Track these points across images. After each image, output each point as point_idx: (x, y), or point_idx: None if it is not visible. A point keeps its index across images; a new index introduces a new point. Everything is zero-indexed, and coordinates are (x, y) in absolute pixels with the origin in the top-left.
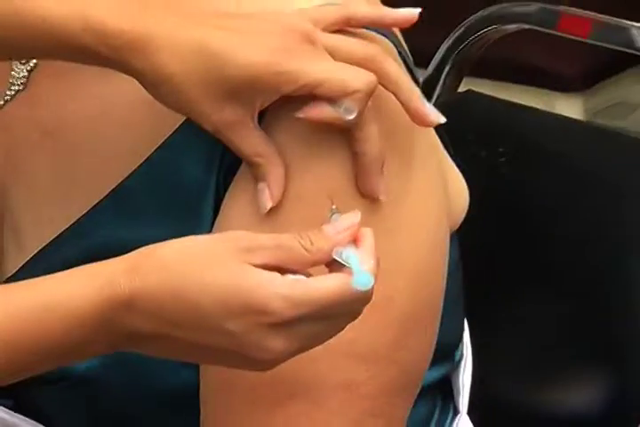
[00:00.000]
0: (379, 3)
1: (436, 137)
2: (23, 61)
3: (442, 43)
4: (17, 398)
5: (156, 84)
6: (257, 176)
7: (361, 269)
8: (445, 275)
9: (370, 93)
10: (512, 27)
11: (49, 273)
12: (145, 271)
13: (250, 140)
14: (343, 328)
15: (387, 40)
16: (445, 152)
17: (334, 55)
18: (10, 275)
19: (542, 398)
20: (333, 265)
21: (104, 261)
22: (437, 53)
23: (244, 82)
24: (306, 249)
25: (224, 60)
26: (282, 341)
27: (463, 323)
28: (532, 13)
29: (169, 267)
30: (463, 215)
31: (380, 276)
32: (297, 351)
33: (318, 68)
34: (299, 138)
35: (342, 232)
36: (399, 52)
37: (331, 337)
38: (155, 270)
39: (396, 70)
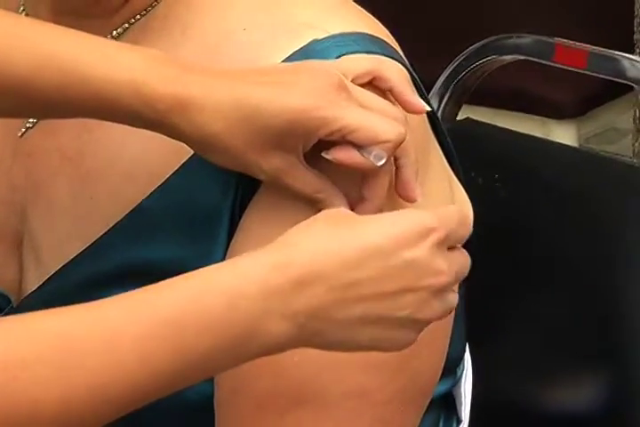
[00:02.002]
0: (409, 81)
1: (444, 159)
2: None
3: (441, 73)
4: None
5: (202, 144)
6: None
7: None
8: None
9: (399, 144)
10: (508, 57)
11: (68, 292)
12: (301, 246)
13: (306, 180)
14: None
15: (400, 65)
16: (452, 172)
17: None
18: (29, 292)
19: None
20: None
21: (250, 254)
22: (437, 83)
23: (284, 128)
24: None
25: (262, 111)
26: (445, 261)
27: (465, 339)
28: (528, 45)
29: (324, 235)
30: None
31: None
32: (456, 274)
33: (353, 115)
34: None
35: None
36: (411, 75)
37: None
38: (312, 243)
39: (412, 140)
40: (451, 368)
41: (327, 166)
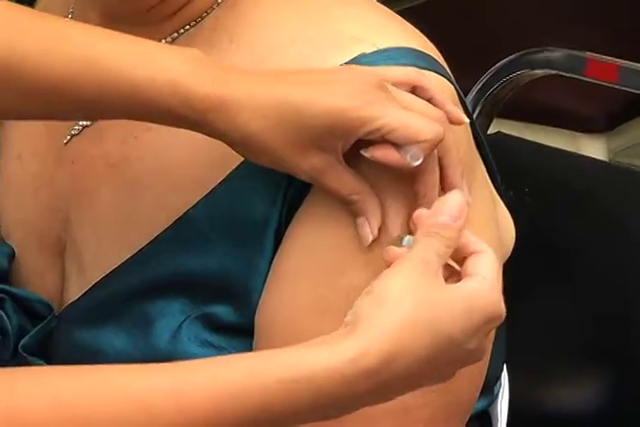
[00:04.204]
0: (454, 95)
1: (487, 175)
2: None
3: (472, 87)
4: None
5: (241, 143)
6: (355, 212)
7: None
8: None
9: (436, 144)
10: (540, 72)
11: (110, 302)
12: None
13: (343, 181)
14: None
15: (446, 80)
16: (494, 190)
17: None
18: (72, 301)
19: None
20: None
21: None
22: (468, 97)
23: (324, 128)
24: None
25: (302, 111)
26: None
27: (504, 357)
28: (559, 59)
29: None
30: (510, 249)
31: None
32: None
33: (392, 115)
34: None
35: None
36: (457, 92)
37: None
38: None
39: (453, 140)
40: (488, 386)
41: (364, 167)
